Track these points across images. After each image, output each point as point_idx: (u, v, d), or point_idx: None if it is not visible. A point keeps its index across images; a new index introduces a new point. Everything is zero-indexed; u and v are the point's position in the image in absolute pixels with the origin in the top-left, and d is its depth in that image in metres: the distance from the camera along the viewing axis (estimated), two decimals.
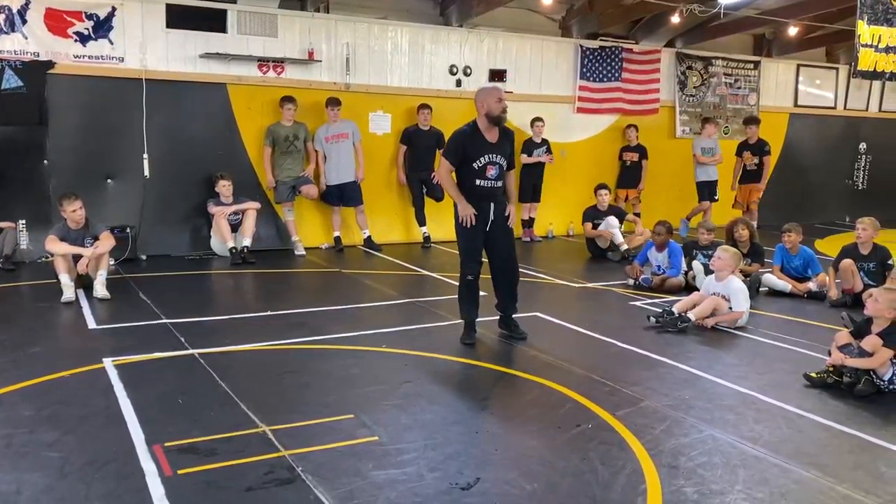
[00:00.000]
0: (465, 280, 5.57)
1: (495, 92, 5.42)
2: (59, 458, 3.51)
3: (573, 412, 4.22)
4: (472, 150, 5.38)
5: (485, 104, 5.36)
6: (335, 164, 9.43)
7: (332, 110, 9.35)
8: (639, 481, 3.38)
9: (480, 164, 5.39)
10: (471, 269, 5.54)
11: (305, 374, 4.82)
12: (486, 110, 5.36)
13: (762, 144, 11.32)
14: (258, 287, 7.79)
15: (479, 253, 5.58)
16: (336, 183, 9.48)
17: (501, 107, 5.36)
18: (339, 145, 9.44)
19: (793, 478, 3.47)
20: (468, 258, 5.55)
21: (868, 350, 4.62)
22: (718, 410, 4.30)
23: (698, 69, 12.42)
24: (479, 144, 5.39)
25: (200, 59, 8.92)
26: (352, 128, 9.56)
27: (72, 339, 5.67)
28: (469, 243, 5.54)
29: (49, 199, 8.23)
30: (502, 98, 5.39)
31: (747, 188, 11.42)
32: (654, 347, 5.53)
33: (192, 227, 9.16)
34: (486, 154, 5.40)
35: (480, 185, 5.43)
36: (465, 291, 5.61)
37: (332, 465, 3.47)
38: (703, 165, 11.26)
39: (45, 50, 8.21)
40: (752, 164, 11.31)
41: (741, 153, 11.47)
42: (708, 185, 11.31)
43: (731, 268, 6.40)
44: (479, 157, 5.38)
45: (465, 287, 5.60)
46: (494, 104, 5.34)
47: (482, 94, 5.45)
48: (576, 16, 11.45)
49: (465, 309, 5.63)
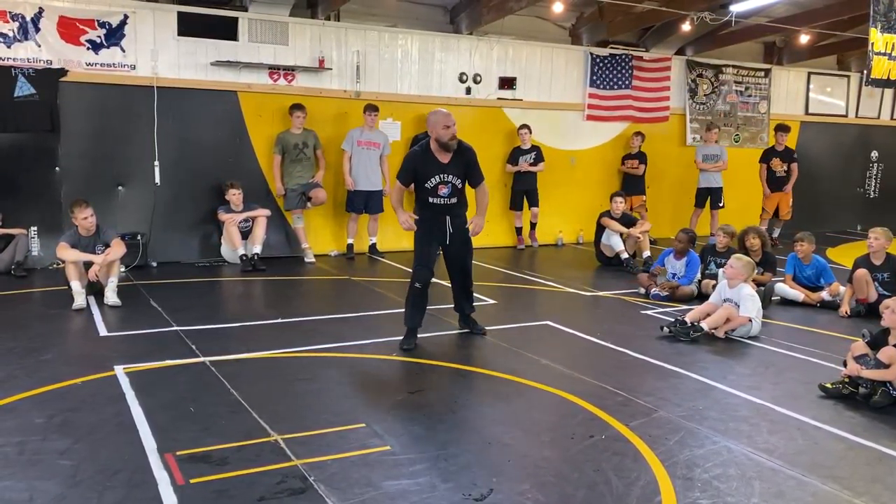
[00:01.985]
0: (414, 287, 5.70)
1: (444, 119, 5.55)
2: (71, 465, 3.50)
3: (586, 423, 4.19)
4: (422, 171, 5.61)
5: (434, 130, 5.57)
6: (364, 169, 9.45)
7: (370, 115, 9.39)
8: (653, 493, 3.35)
9: (431, 184, 5.62)
10: (420, 277, 5.67)
11: (317, 383, 4.80)
12: (435, 136, 5.57)
13: (791, 151, 11.46)
14: (268, 294, 7.78)
15: (431, 261, 5.72)
16: (364, 189, 9.49)
17: (449, 133, 5.53)
18: (370, 153, 9.47)
19: (809, 491, 3.44)
20: (419, 265, 5.70)
21: (885, 362, 4.57)
22: (732, 421, 4.26)
23: (709, 77, 12.39)
24: (429, 165, 5.60)
25: (211, 66, 8.95)
26: (384, 139, 9.60)
27: (83, 347, 5.67)
28: (422, 251, 5.72)
29: (60, 206, 8.26)
30: (450, 125, 5.54)
31: (776, 196, 11.46)
32: (667, 357, 5.50)
33: (203, 234, 9.18)
34: (437, 174, 5.60)
35: (434, 202, 5.67)
36: (411, 298, 5.71)
37: (344, 474, 3.45)
38: (704, 172, 11.25)
39: (58, 58, 8.26)
40: (782, 171, 11.38)
41: (768, 160, 11.43)
42: (709, 193, 11.29)
43: (743, 276, 6.36)
44: (430, 178, 5.60)
45: (413, 294, 5.71)
46: (441, 131, 5.53)
47: (432, 119, 5.61)
48: (586, 23, 11.45)
49: (410, 314, 5.70)
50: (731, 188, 11.44)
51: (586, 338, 6.05)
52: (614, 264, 9.34)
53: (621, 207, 9.55)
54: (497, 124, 10.73)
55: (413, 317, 5.69)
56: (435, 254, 5.77)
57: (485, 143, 5.70)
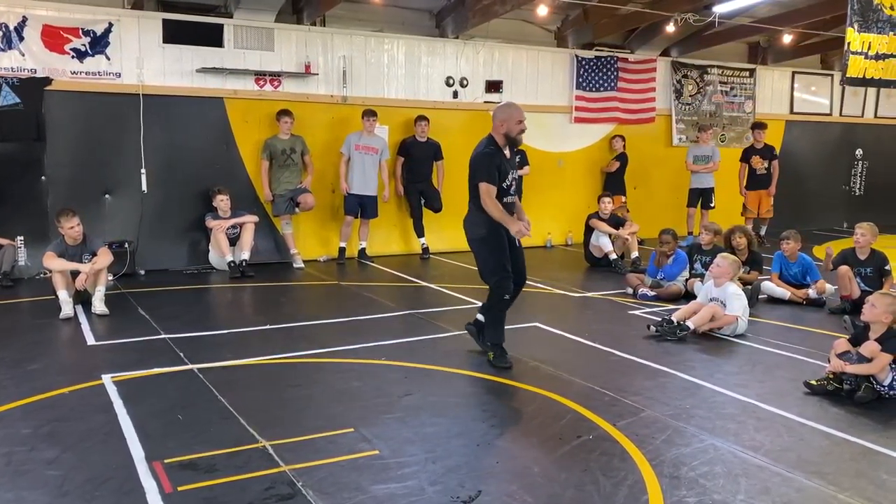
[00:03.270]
0: (504, 301, 5.30)
1: (518, 113, 5.25)
2: (59, 475, 3.49)
3: (574, 423, 4.21)
4: (502, 170, 5.22)
5: (505, 124, 5.22)
6: (361, 174, 9.46)
7: (369, 121, 9.41)
8: (641, 492, 3.37)
9: (508, 181, 5.26)
10: (508, 287, 5.25)
11: (305, 388, 4.80)
12: (505, 130, 5.23)
13: (770, 149, 11.39)
14: (257, 301, 7.78)
15: (509, 270, 5.27)
16: (359, 193, 9.50)
17: (521, 128, 5.26)
18: (368, 158, 9.49)
19: (795, 486, 3.47)
20: (502, 276, 5.23)
21: (867, 356, 4.62)
22: (719, 419, 4.30)
23: (694, 77, 12.46)
24: (504, 163, 5.24)
25: (197, 73, 8.95)
26: (382, 144, 9.62)
27: (71, 356, 5.66)
28: (498, 261, 5.24)
29: (47, 215, 8.22)
30: (523, 119, 5.26)
31: (757, 194, 11.40)
32: (654, 356, 5.53)
33: (191, 242, 9.16)
34: (510, 171, 5.31)
35: (507, 201, 5.26)
36: (503, 312, 5.34)
37: (332, 479, 3.46)
38: (695, 173, 11.31)
39: (43, 66, 8.23)
40: (762, 169, 11.32)
41: (748, 158, 11.45)
42: (701, 193, 11.34)
43: (729, 275, 6.41)
44: (507, 176, 5.25)
45: (504, 306, 5.33)
46: (515, 126, 5.22)
47: (503, 113, 5.26)
48: (571, 26, 11.50)
49: (502, 330, 5.33)
50: (717, 188, 11.48)
51: (574, 339, 6.08)
52: (603, 265, 9.39)
53: (609, 208, 9.60)
54: (484, 128, 10.63)
55: (503, 331, 5.33)
56: (508, 261, 5.28)
57: (472, 146, 5.66)
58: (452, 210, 9.02)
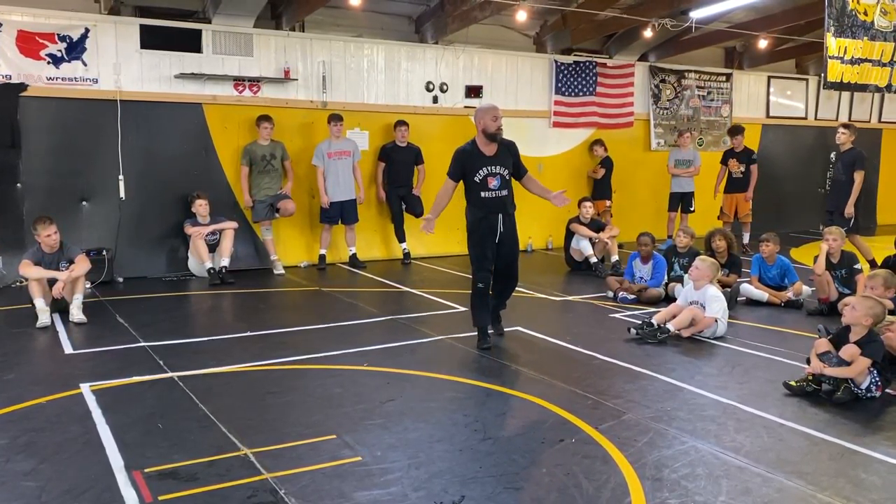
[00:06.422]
0: (477, 288, 5.89)
1: (491, 111, 5.79)
2: (36, 487, 3.44)
3: (556, 426, 4.23)
4: (469, 165, 5.80)
5: (481, 122, 5.77)
6: (336, 181, 9.42)
7: (336, 126, 9.35)
8: (623, 495, 3.38)
9: (480, 176, 5.79)
10: (481, 278, 5.87)
11: (287, 395, 4.78)
12: (482, 127, 5.77)
13: (749, 152, 11.35)
14: (237, 307, 7.73)
15: (489, 261, 5.86)
16: (339, 200, 9.46)
17: (496, 125, 5.77)
18: (341, 163, 9.44)
19: (775, 486, 3.50)
20: (479, 267, 5.88)
21: (846, 359, 4.67)
22: (700, 421, 4.32)
23: (671, 82, 12.58)
24: (476, 159, 5.80)
25: (175, 79, 8.89)
26: (353, 146, 9.58)
27: (48, 365, 5.58)
28: (479, 253, 5.86)
29: (23, 223, 8.12)
30: (497, 116, 5.78)
31: (733, 198, 11.32)
32: (635, 359, 5.56)
33: (169, 248, 9.09)
34: (485, 167, 5.79)
35: (485, 196, 5.81)
36: (476, 300, 5.92)
37: (315, 486, 3.44)
38: (675, 177, 11.38)
39: (18, 72, 8.14)
40: (739, 172, 11.26)
41: (726, 161, 11.46)
42: (681, 197, 11.41)
43: (708, 277, 6.46)
44: (478, 171, 5.77)
45: (477, 295, 5.91)
46: (490, 122, 5.75)
47: (479, 112, 5.82)
48: (549, 31, 11.58)
49: (478, 315, 5.92)
50: (697, 192, 11.55)
51: (556, 342, 6.10)
52: (583, 269, 9.42)
53: (590, 212, 9.65)
54: (465, 133, 10.67)
55: (481, 316, 5.91)
56: (491, 254, 5.86)
57: (452, 151, 5.76)
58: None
